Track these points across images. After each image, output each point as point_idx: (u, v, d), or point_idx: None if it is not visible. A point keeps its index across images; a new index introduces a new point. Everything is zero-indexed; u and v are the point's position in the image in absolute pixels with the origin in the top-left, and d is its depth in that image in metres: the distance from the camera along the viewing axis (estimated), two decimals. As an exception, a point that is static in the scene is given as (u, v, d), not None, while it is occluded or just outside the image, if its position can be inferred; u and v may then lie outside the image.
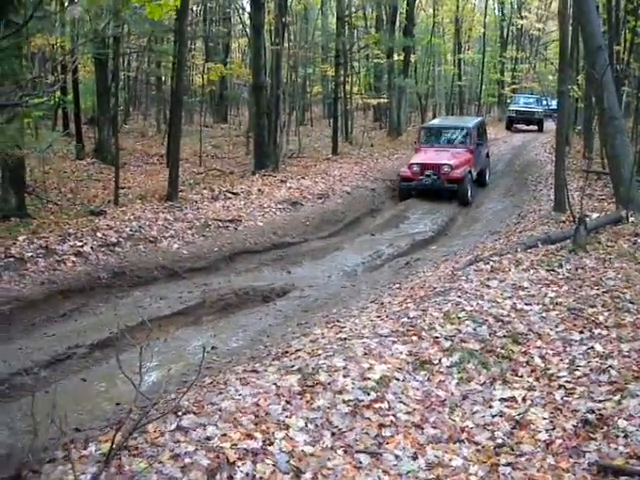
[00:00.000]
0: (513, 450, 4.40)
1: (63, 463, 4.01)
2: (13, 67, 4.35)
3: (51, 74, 19.16)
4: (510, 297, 7.12)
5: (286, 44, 21.35)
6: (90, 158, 18.89)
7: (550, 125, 29.69)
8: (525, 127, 35.40)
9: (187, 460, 3.95)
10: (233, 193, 14.79)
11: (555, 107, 17.62)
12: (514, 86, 42.35)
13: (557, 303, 7.00)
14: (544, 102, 32.47)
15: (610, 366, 5.48)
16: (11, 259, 8.95)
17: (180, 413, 4.47)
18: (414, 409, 4.84)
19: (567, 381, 5.33)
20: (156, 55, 25.96)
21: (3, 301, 8.03)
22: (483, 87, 43.88)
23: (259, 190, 15.36)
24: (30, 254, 9.21)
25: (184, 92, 19.18)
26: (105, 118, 18.67)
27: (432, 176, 16.69)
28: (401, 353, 5.66)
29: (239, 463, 3.96)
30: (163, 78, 28.04)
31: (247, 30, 25.82)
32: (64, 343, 7.32)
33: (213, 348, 7.31)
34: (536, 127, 34.80)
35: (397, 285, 9.08)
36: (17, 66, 4.60)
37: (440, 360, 5.61)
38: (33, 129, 15.51)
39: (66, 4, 17.66)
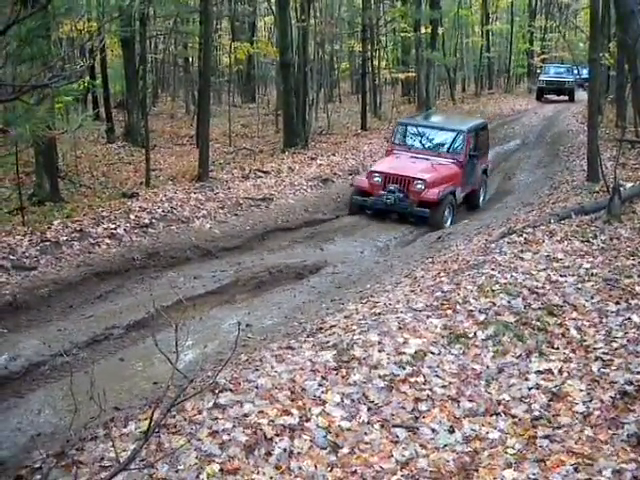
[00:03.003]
0: (550, 422, 4.38)
1: (104, 441, 4.09)
2: (41, 49, 4.36)
3: (80, 60, 19.26)
4: (544, 269, 7.06)
5: (312, 20, 21.21)
6: (120, 141, 19.00)
7: (581, 95, 29.24)
8: (556, 97, 34.88)
9: (225, 437, 4.00)
10: (263, 172, 14.80)
11: (586, 76, 17.35)
12: (544, 56, 41.70)
13: (592, 274, 6.94)
14: (575, 71, 31.93)
15: (648, 337, 5.43)
16: (47, 243, 9.08)
17: (217, 391, 4.53)
18: (450, 383, 4.84)
19: (604, 352, 5.28)
20: (182, 36, 25.98)
21: (41, 284, 8.17)
22: (512, 58, 43.24)
23: (289, 168, 15.36)
24: (65, 238, 9.33)
25: (211, 72, 19.16)
26: (134, 101, 18.73)
27: (396, 193, 12.24)
28: (436, 327, 5.66)
29: (276, 439, 4.01)
30: (190, 59, 28.01)
31: (272, 8, 25.57)
32: (101, 324, 7.42)
33: (248, 326, 7.35)
34: (567, 97, 34.28)
35: (430, 259, 9.04)
36: (45, 47, 4.62)
37: (475, 333, 5.60)
38: (64, 114, 15.66)
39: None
